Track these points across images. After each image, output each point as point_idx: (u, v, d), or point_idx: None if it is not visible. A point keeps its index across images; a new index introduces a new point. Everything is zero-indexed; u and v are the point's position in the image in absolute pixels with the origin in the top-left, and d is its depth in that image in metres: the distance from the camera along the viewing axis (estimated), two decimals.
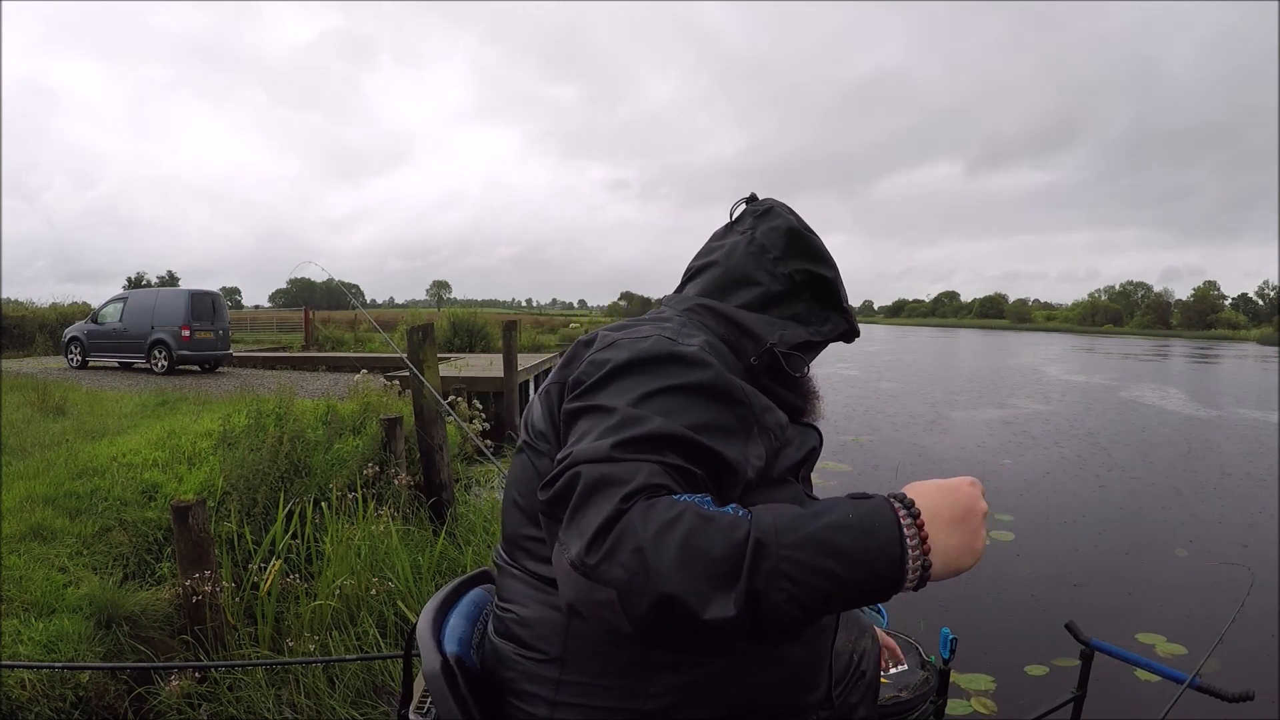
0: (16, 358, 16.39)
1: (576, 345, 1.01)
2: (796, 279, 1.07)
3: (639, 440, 0.79)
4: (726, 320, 1.04)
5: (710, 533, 0.68)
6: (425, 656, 0.99)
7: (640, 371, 0.88)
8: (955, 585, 5.22)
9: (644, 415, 0.82)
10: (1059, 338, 66.79)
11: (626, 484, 0.74)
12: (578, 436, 0.84)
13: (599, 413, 0.85)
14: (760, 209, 1.12)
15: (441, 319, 21.05)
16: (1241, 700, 1.56)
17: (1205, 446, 11.03)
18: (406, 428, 6.05)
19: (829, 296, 1.10)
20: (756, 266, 1.07)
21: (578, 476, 0.76)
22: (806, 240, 1.08)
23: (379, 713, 3.14)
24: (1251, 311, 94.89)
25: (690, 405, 0.84)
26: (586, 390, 0.89)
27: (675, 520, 0.69)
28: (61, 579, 3.51)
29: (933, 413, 14.24)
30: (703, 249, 1.16)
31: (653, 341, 0.91)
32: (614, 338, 0.96)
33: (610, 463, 0.76)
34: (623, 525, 0.70)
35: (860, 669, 1.29)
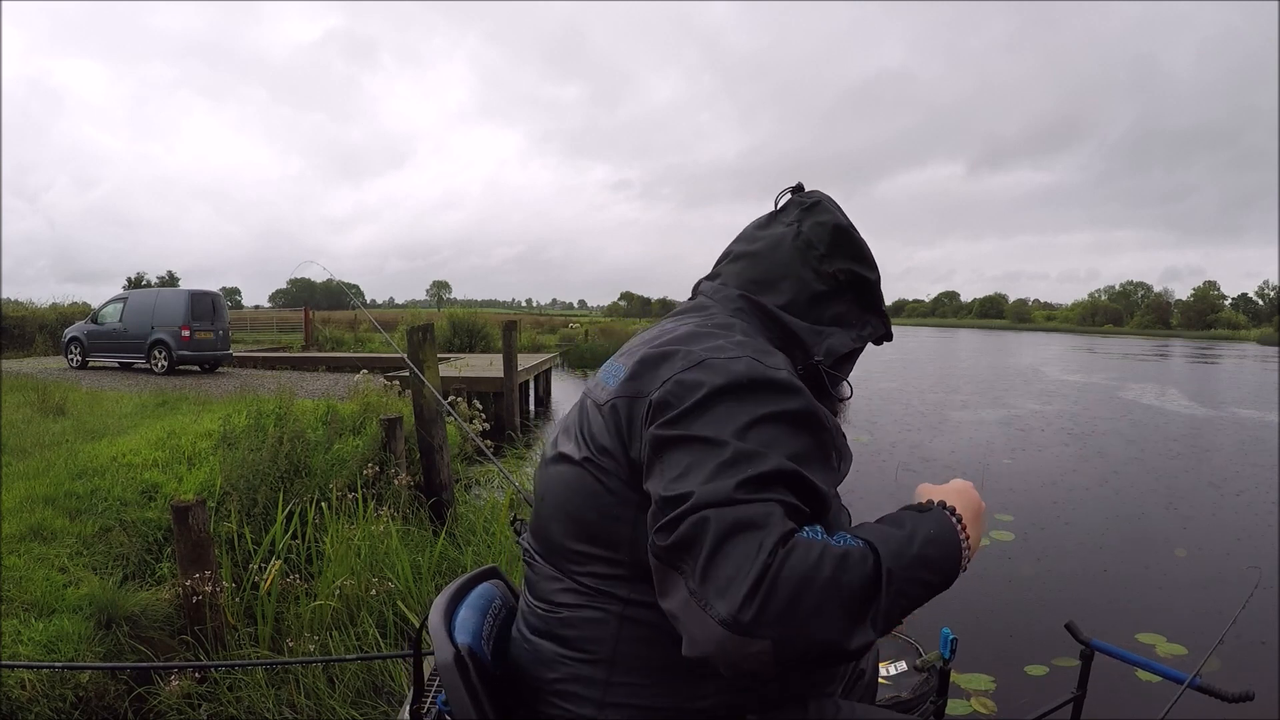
0: (16, 358, 16.39)
1: (647, 356, 0.93)
2: (840, 279, 1.05)
3: (759, 480, 0.78)
4: (776, 323, 1.02)
5: (849, 573, 0.75)
6: (438, 647, 0.99)
7: (738, 398, 0.84)
8: (955, 586, 5.21)
9: (758, 451, 0.80)
10: (1059, 338, 66.81)
11: (761, 529, 0.74)
12: (682, 470, 0.80)
13: (705, 445, 0.81)
14: (808, 201, 1.08)
15: (441, 319, 21.07)
16: (1241, 700, 1.56)
17: (1205, 446, 11.04)
18: (406, 428, 6.05)
19: (869, 299, 1.08)
20: (802, 263, 1.04)
21: (706, 522, 0.74)
22: (853, 239, 1.06)
23: (379, 713, 3.14)
24: (1251, 311, 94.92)
25: (790, 436, 0.84)
26: (681, 417, 0.84)
27: (817, 566, 0.74)
28: (61, 579, 3.51)
29: (933, 412, 14.24)
30: (744, 235, 1.12)
31: (746, 364, 0.88)
32: (700, 355, 0.89)
33: (737, 505, 0.75)
34: (771, 578, 0.72)
35: (859, 667, 1.29)
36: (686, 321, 1.03)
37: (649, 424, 0.86)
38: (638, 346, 0.99)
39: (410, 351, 5.35)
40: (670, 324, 1.04)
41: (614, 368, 0.98)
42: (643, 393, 0.90)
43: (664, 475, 0.82)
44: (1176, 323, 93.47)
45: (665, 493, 0.79)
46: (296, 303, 68.04)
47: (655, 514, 0.80)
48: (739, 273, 1.08)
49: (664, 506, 0.79)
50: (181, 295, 13.12)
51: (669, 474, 0.81)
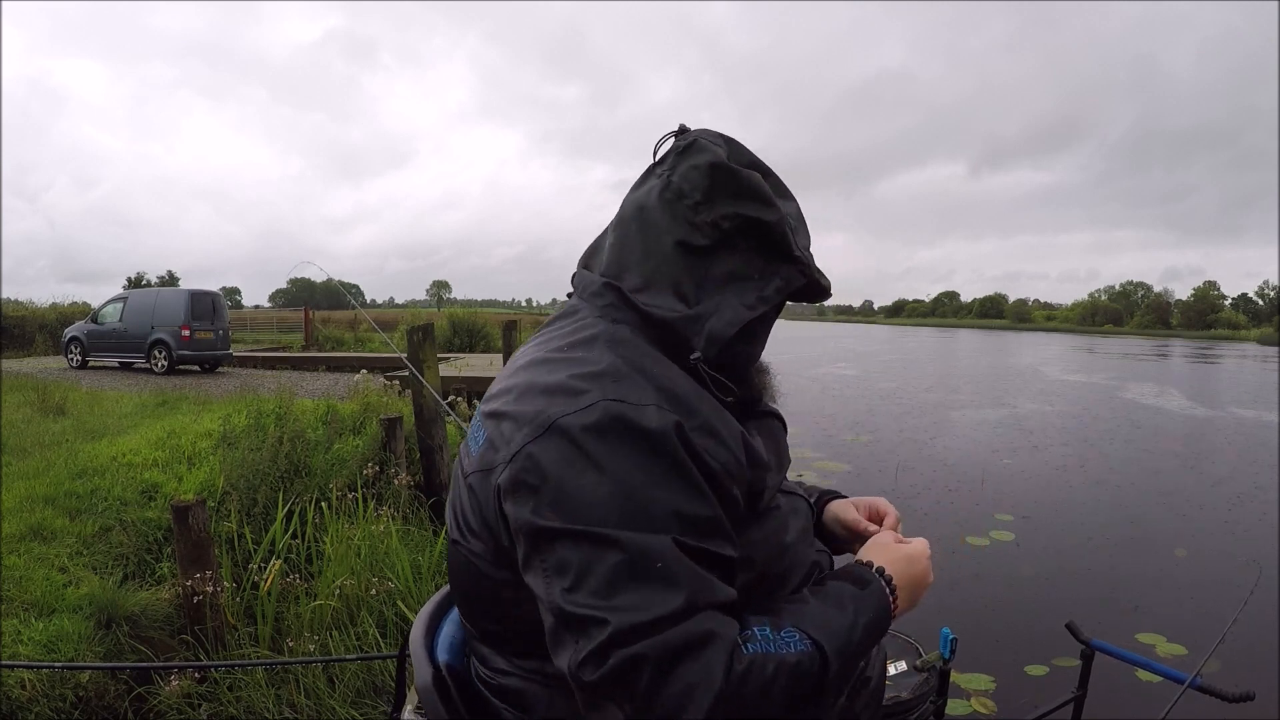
0: (16, 358, 16.39)
1: (501, 420, 0.82)
2: (725, 228, 0.84)
3: (669, 580, 0.71)
4: (647, 317, 0.85)
5: (802, 683, 0.74)
6: (417, 667, 0.96)
7: (600, 468, 0.73)
8: (955, 585, 5.22)
9: (655, 545, 0.71)
10: (1059, 338, 66.82)
11: (705, 649, 0.70)
12: (576, 576, 0.71)
13: (591, 542, 0.71)
14: (683, 144, 0.87)
15: (441, 319, 21.06)
16: (1242, 700, 1.56)
17: (1205, 446, 11.04)
18: (406, 428, 6.05)
19: (775, 244, 0.86)
20: (672, 219, 0.84)
21: (641, 659, 0.68)
22: (736, 177, 0.84)
23: (379, 713, 3.14)
24: (1251, 311, 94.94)
25: (683, 496, 0.74)
26: (547, 503, 0.73)
27: (771, 684, 0.72)
28: (61, 579, 3.51)
29: (933, 412, 14.24)
30: (625, 206, 0.92)
31: (600, 415, 0.75)
32: (550, 415, 0.76)
33: (662, 631, 0.69)
34: (727, 707, 0.69)
35: (865, 675, 1.26)
36: (550, 341, 0.89)
37: (509, 502, 0.77)
38: (498, 393, 0.87)
39: (410, 351, 5.35)
40: (534, 347, 0.91)
41: (476, 430, 0.87)
42: (494, 465, 0.79)
43: (553, 580, 0.73)
44: (1176, 323, 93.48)
45: (567, 607, 0.71)
46: (296, 303, 68.06)
47: (559, 631, 0.72)
48: (608, 251, 0.90)
49: (572, 628, 0.71)
50: (181, 295, 13.13)
51: (560, 580, 0.72)
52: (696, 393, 0.82)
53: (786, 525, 0.92)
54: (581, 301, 0.91)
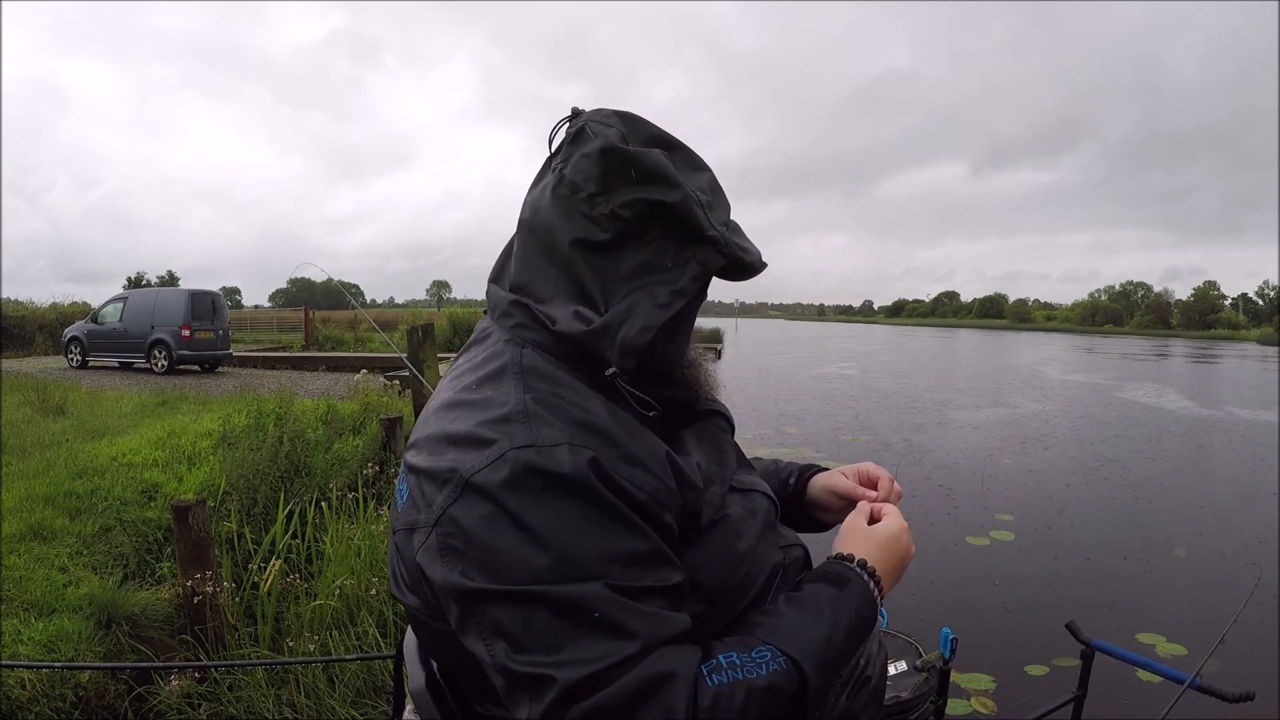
0: (16, 358, 16.39)
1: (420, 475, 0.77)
2: (626, 217, 0.76)
3: (611, 627, 0.68)
4: (556, 335, 0.79)
5: (777, 704, 0.72)
6: (411, 672, 0.95)
7: (523, 518, 0.69)
8: (955, 586, 5.22)
9: (590, 593, 0.68)
10: (1059, 338, 66.85)
11: (663, 693, 0.67)
12: (519, 637, 0.68)
13: (527, 601, 0.68)
14: (572, 131, 0.80)
15: (441, 319, 21.08)
16: (1242, 700, 1.56)
17: (1205, 446, 11.04)
18: (406, 428, 6.05)
19: (686, 226, 0.77)
20: (567, 216, 0.77)
21: (595, 715, 0.66)
22: (630, 159, 0.76)
23: (379, 713, 3.14)
24: (1251, 311, 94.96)
25: (607, 537, 0.70)
26: (475, 566, 0.70)
27: (741, 716, 0.69)
28: (61, 579, 3.51)
29: (933, 412, 14.24)
30: (523, 210, 0.84)
31: (510, 465, 0.71)
32: (466, 471, 0.72)
33: (620, 679, 0.66)
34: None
35: (865, 674, 1.26)
36: (462, 376, 0.83)
37: (437, 566, 0.73)
38: (417, 443, 0.81)
39: (410, 351, 5.35)
40: (448, 383, 0.86)
41: (401, 483, 0.82)
42: (415, 526, 0.75)
43: (493, 642, 0.70)
44: (1176, 323, 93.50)
45: (513, 667, 0.68)
46: (296, 302, 68.06)
47: (510, 690, 0.69)
48: (513, 263, 0.84)
49: (522, 687, 0.68)
50: (181, 295, 13.13)
51: (498, 642, 0.69)
52: (614, 418, 0.76)
53: (739, 533, 0.86)
54: (492, 323, 0.86)
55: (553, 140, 0.82)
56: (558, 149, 0.81)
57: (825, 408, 14.75)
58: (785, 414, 13.57)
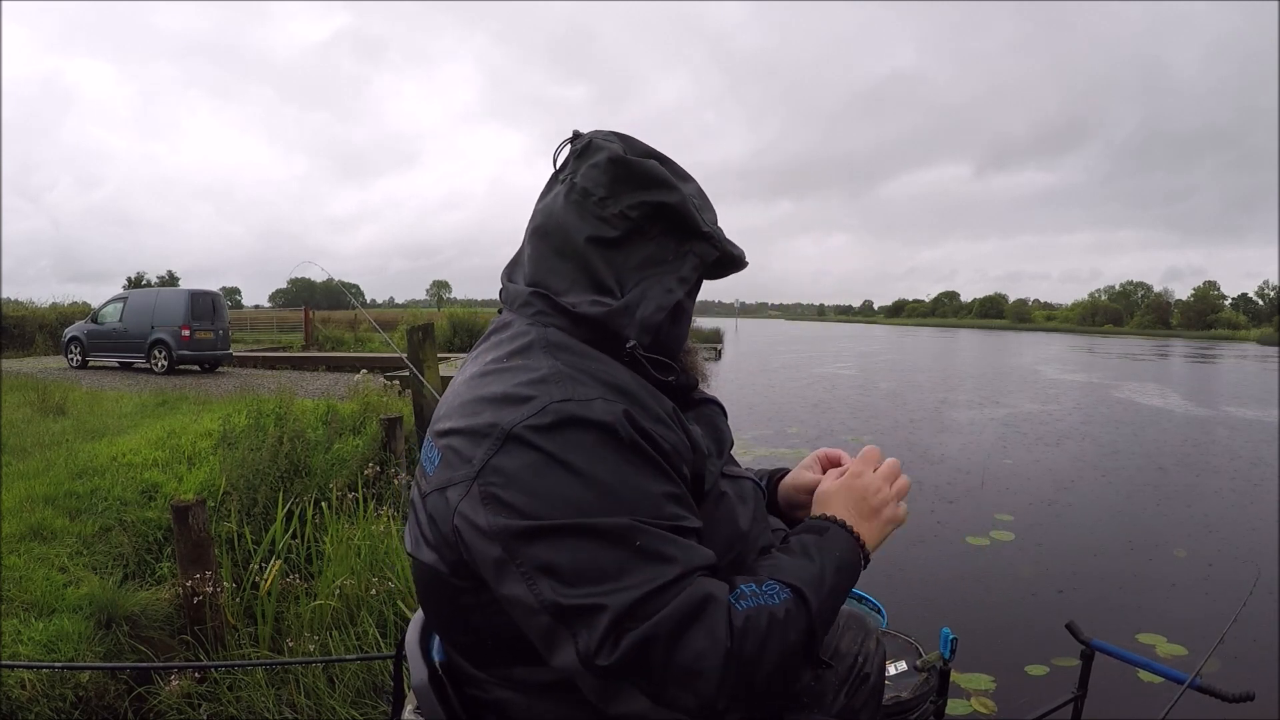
0: (16, 358, 16.39)
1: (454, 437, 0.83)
2: (633, 216, 0.87)
3: (659, 556, 0.74)
4: (578, 319, 0.88)
5: (791, 631, 0.78)
6: (413, 668, 0.97)
7: (565, 460, 0.75)
8: (955, 585, 5.22)
9: (631, 525, 0.73)
10: (1059, 338, 66.83)
11: (703, 616, 0.73)
12: (569, 572, 0.72)
13: (572, 534, 0.73)
14: (579, 147, 0.92)
15: (441, 319, 21.08)
16: (1242, 700, 1.56)
17: (1205, 446, 11.03)
18: (406, 428, 6.05)
19: (683, 224, 0.89)
20: (581, 218, 0.88)
21: (648, 640, 0.71)
22: (634, 167, 0.88)
23: (379, 713, 3.14)
24: (1251, 311, 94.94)
25: (641, 476, 0.77)
26: (519, 506, 0.75)
27: (768, 636, 0.76)
28: (61, 579, 3.51)
29: (933, 412, 14.24)
30: (536, 215, 0.95)
31: (552, 415, 0.77)
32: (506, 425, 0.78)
33: (666, 605, 0.72)
34: (735, 664, 0.73)
35: (864, 672, 1.27)
36: (487, 354, 0.91)
37: (478, 515, 0.77)
38: (446, 413, 0.88)
39: (410, 351, 5.35)
40: (473, 363, 0.93)
41: (429, 451, 0.88)
42: (452, 482, 0.80)
43: (537, 579, 0.73)
44: (1176, 323, 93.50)
45: (562, 600, 0.72)
46: (296, 302, 68.03)
47: (555, 629, 0.73)
48: (529, 262, 0.94)
49: (570, 622, 0.72)
50: (181, 295, 13.13)
51: (545, 578, 0.73)
52: (637, 383, 0.85)
53: (736, 512, 0.94)
54: (511, 314, 0.94)
55: (556, 159, 0.94)
56: (563, 165, 0.93)
57: (825, 407, 14.75)
58: (785, 414, 13.57)
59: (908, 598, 4.92)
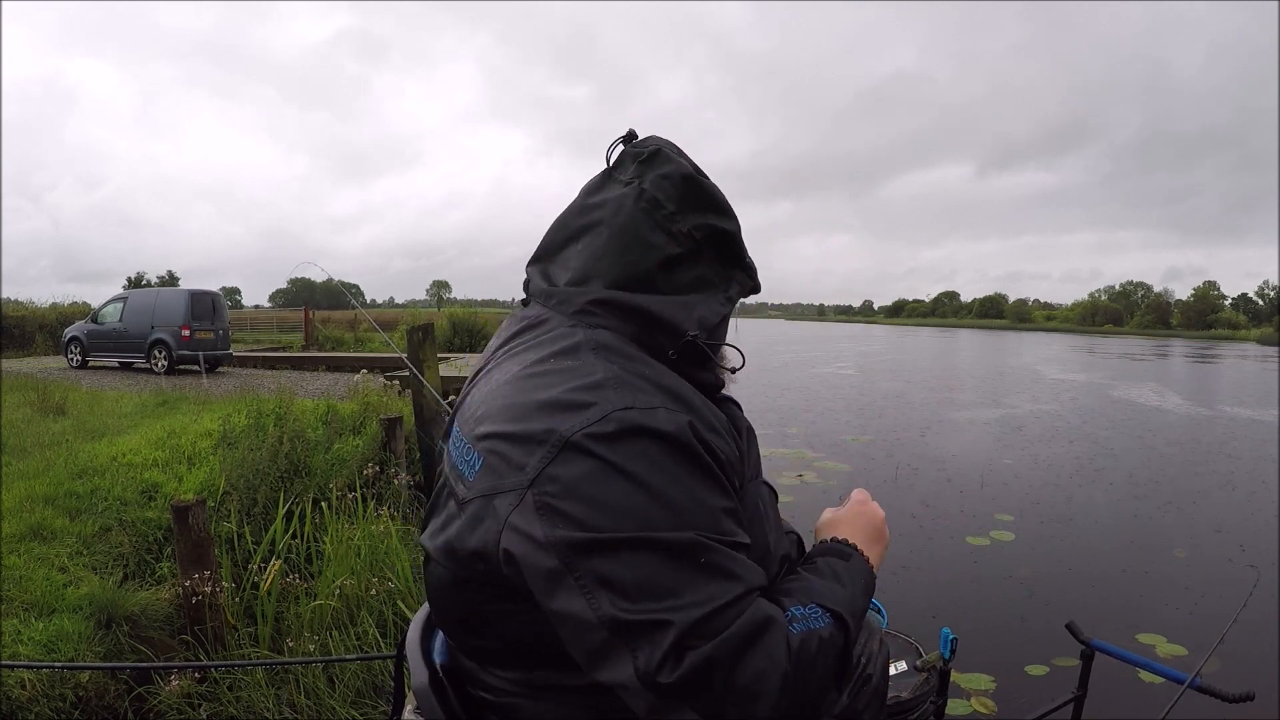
0: (16, 358, 16.39)
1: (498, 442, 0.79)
2: (697, 237, 0.89)
3: (723, 573, 0.72)
4: (635, 314, 0.86)
5: (832, 653, 0.79)
6: (414, 669, 0.96)
7: (628, 470, 0.73)
8: (955, 586, 5.22)
9: (694, 541, 0.72)
10: (1059, 338, 66.83)
11: (764, 637, 0.72)
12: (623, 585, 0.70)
13: (631, 549, 0.71)
14: (645, 152, 0.91)
15: (441, 319, 21.07)
16: (1242, 701, 1.56)
17: (1205, 446, 11.04)
18: (406, 428, 6.05)
19: (731, 252, 0.93)
20: (650, 227, 0.88)
21: (711, 661, 0.69)
22: (704, 189, 0.90)
23: (379, 713, 3.14)
24: (1251, 311, 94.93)
25: (703, 491, 0.76)
26: (577, 519, 0.72)
27: (816, 658, 0.76)
28: (61, 579, 3.51)
29: (933, 412, 14.24)
30: (574, 207, 0.94)
31: (615, 423, 0.74)
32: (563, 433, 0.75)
33: (731, 623, 0.71)
34: (792, 685, 0.73)
35: (866, 673, 1.27)
36: (526, 353, 0.88)
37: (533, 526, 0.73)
38: (487, 414, 0.84)
39: (410, 352, 5.35)
40: (510, 361, 0.89)
41: (466, 454, 0.83)
42: (501, 490, 0.76)
43: (596, 593, 0.70)
44: (1176, 323, 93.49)
45: (622, 615, 0.69)
46: (296, 302, 68.03)
47: (611, 644, 0.70)
48: (575, 257, 0.91)
49: (629, 637, 0.70)
50: (181, 295, 13.12)
51: (605, 592, 0.70)
52: (689, 389, 0.84)
53: (766, 524, 0.92)
54: (546, 310, 0.91)
55: (609, 157, 0.94)
56: (619, 163, 0.93)
57: (825, 407, 14.75)
58: (785, 414, 13.57)
59: (908, 598, 4.92)
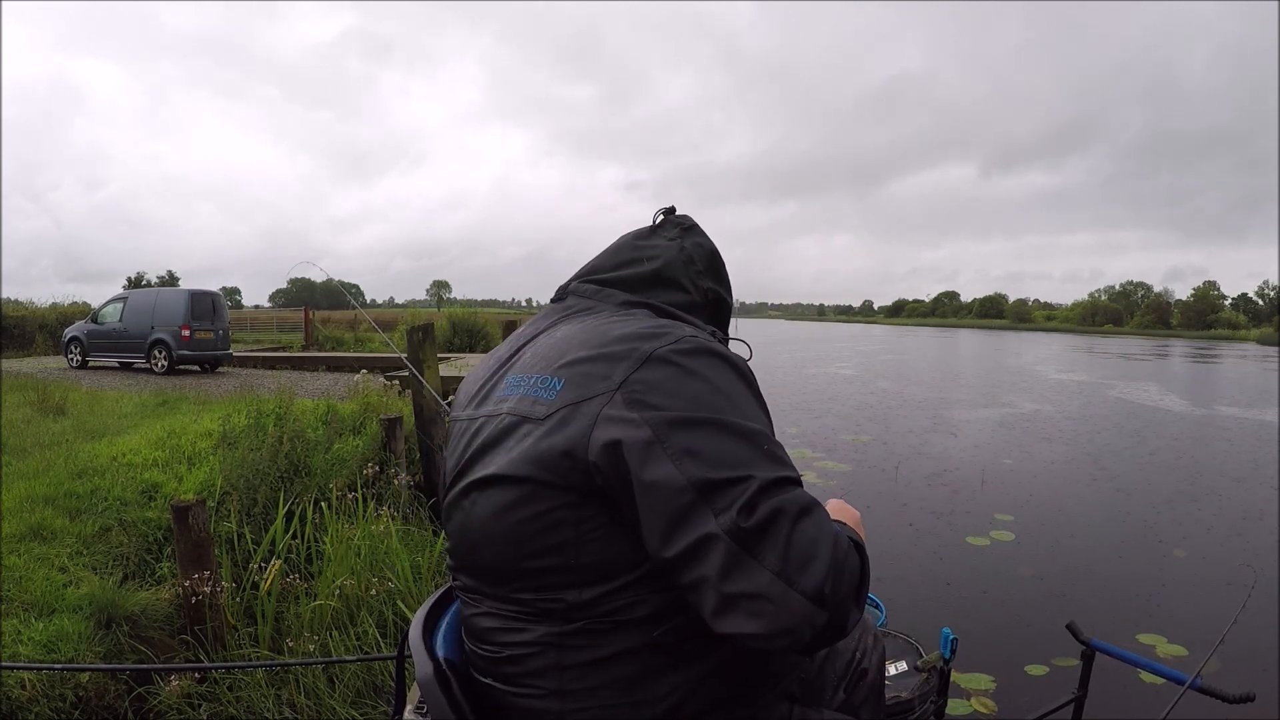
0: (16, 358, 16.38)
1: (583, 363, 0.92)
2: (709, 297, 1.16)
3: (780, 457, 0.87)
4: (665, 315, 1.08)
5: (858, 559, 0.87)
6: (418, 662, 0.99)
7: (705, 375, 0.89)
8: (956, 586, 5.22)
9: (762, 431, 0.87)
10: (1059, 338, 66.81)
11: (816, 514, 0.83)
12: (717, 455, 0.82)
13: (713, 428, 0.84)
14: (686, 223, 1.20)
15: (441, 319, 21.04)
16: (1242, 701, 1.56)
17: (1205, 446, 11.04)
18: (406, 428, 6.05)
19: (722, 317, 1.19)
20: (684, 274, 1.14)
21: (780, 511, 0.81)
22: (721, 265, 1.19)
23: (379, 713, 3.14)
24: (1251, 311, 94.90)
25: (761, 410, 0.93)
26: (663, 404, 0.85)
27: (849, 553, 0.85)
28: (61, 579, 3.50)
29: (932, 412, 14.24)
30: (625, 245, 1.18)
31: (692, 343, 0.93)
32: (634, 349, 0.90)
33: (794, 491, 0.84)
34: (839, 562, 0.82)
35: (861, 667, 1.29)
36: (583, 318, 1.05)
37: (625, 415, 0.85)
38: (565, 350, 0.97)
39: (410, 352, 5.35)
40: (565, 328, 1.04)
41: (544, 382, 0.95)
42: (589, 396, 0.88)
43: (684, 460, 0.82)
44: (1176, 323, 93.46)
45: (711, 475, 0.81)
46: (296, 302, 68.01)
47: (695, 505, 0.81)
48: (625, 277, 1.13)
49: (714, 494, 0.81)
50: (181, 295, 13.11)
51: (692, 459, 0.82)
52: None
53: None
54: (594, 301, 1.11)
55: (655, 219, 1.21)
56: (661, 225, 1.20)
57: (825, 407, 14.75)
58: (785, 414, 13.57)
59: (908, 598, 4.92)
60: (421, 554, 4.31)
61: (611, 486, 0.85)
